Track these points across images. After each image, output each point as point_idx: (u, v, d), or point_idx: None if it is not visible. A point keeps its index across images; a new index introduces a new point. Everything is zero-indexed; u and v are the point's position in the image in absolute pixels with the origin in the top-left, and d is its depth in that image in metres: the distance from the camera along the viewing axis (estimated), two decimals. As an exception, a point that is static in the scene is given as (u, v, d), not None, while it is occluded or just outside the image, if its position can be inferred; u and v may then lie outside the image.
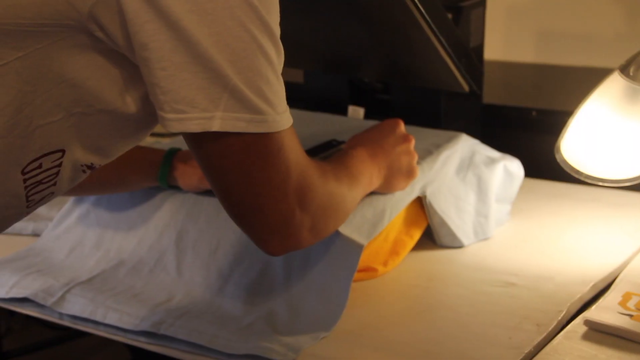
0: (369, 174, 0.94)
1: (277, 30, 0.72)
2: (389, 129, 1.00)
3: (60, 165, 0.75)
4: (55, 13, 0.68)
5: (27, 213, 0.79)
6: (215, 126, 0.69)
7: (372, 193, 0.98)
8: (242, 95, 0.69)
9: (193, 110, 0.69)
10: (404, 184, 1.01)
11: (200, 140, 0.72)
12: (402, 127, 1.01)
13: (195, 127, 0.69)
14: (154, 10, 0.67)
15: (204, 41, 0.67)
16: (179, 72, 0.68)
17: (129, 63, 0.71)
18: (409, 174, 1.01)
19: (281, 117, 0.72)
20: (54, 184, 0.77)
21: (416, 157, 1.01)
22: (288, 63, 1.48)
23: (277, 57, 0.72)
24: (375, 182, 0.96)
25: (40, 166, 0.74)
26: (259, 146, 0.72)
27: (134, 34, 0.68)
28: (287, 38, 1.28)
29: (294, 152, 0.76)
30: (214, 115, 0.69)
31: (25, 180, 0.74)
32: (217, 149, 0.71)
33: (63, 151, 0.74)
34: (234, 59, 0.69)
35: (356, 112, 1.31)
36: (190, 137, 0.72)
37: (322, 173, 0.81)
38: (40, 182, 0.75)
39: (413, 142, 1.01)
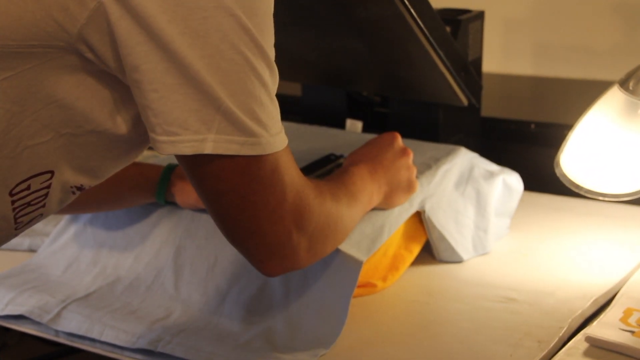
0: (369, 192, 0.93)
1: (272, 53, 0.71)
2: (387, 143, 1.00)
3: (49, 186, 0.74)
4: (44, 35, 0.67)
5: (16, 235, 0.78)
6: (208, 148, 0.69)
7: (372, 209, 0.97)
8: (235, 117, 0.69)
9: (185, 133, 0.68)
10: (404, 199, 1.00)
11: (193, 163, 0.71)
12: (399, 140, 1.00)
13: (187, 149, 0.69)
14: (146, 32, 0.66)
15: (196, 63, 0.67)
16: (171, 94, 0.67)
17: (119, 84, 0.71)
18: (409, 188, 1.00)
19: (275, 139, 0.72)
20: (43, 206, 0.76)
21: (415, 171, 1.01)
22: (286, 76, 1.48)
23: (271, 78, 0.72)
24: (376, 200, 0.95)
25: (28, 187, 0.73)
26: (253, 168, 0.71)
27: (125, 56, 0.67)
28: (286, 51, 1.29)
29: (289, 173, 0.75)
30: (207, 137, 0.68)
31: (13, 202, 0.73)
32: (210, 171, 0.71)
33: (52, 172, 0.74)
34: (226, 82, 0.68)
35: (354, 125, 1.31)
36: (183, 159, 0.71)
37: (318, 193, 0.80)
38: (28, 204, 0.74)
39: (411, 156, 1.00)
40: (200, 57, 0.67)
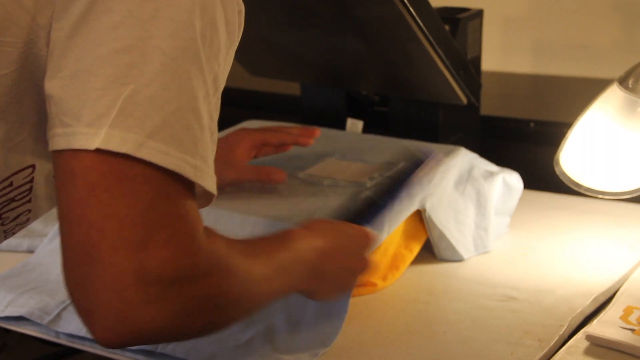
0: (302, 272, 0.77)
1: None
2: (353, 244, 0.86)
3: (32, 180, 0.72)
4: (17, 29, 0.64)
5: (5, 232, 0.76)
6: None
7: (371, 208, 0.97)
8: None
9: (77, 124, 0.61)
10: (327, 295, 0.85)
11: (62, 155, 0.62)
12: (370, 245, 0.87)
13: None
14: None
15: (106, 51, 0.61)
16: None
17: None
18: (341, 289, 0.87)
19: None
20: (29, 201, 0.74)
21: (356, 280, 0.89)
22: (285, 76, 1.49)
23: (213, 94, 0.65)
24: (302, 285, 0.79)
25: (11, 184, 0.71)
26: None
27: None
28: (285, 51, 1.29)
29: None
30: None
31: None
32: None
33: (33, 166, 0.71)
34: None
35: (355, 125, 1.30)
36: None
37: (210, 239, 0.64)
38: (12, 200, 0.72)
39: (367, 269, 0.87)
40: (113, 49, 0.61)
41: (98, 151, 0.59)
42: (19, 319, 0.97)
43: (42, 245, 1.09)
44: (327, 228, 0.83)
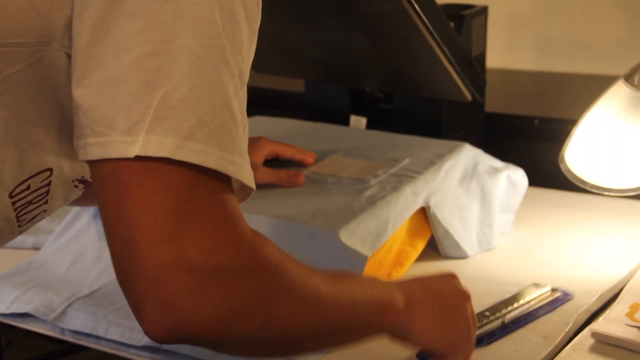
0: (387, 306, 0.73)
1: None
2: (446, 278, 0.82)
3: (49, 184, 0.72)
4: (29, 30, 0.64)
5: (20, 232, 0.77)
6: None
7: (375, 203, 0.97)
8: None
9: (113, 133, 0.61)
10: (458, 351, 0.80)
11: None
12: (458, 280, 0.83)
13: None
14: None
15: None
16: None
17: None
18: (468, 343, 0.80)
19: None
20: (45, 202, 0.74)
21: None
22: (289, 73, 1.49)
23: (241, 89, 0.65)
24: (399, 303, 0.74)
25: (28, 187, 0.71)
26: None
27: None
28: (288, 48, 1.29)
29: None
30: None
31: (14, 203, 0.71)
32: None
33: (51, 170, 0.72)
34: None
35: (358, 122, 1.30)
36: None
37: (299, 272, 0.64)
38: (30, 203, 0.73)
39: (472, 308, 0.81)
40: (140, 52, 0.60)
41: (137, 157, 0.60)
42: (24, 315, 0.98)
43: (48, 243, 1.09)
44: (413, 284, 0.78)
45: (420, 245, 1.07)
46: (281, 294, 0.63)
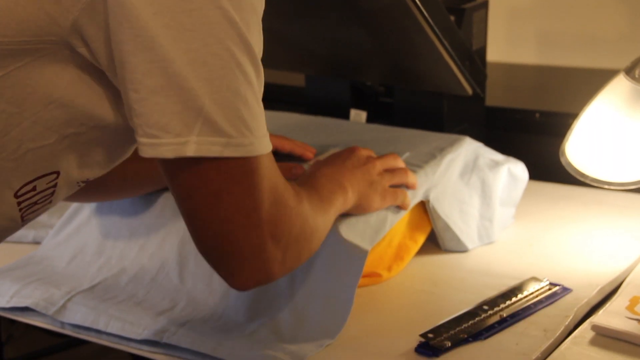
0: (340, 195, 0.89)
1: (258, 51, 0.70)
2: (346, 153, 0.96)
3: (55, 185, 0.74)
4: (36, 29, 0.66)
5: (21, 227, 0.78)
6: (190, 151, 0.67)
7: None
8: (218, 117, 0.67)
9: (166, 136, 0.66)
10: (380, 203, 0.96)
11: (173, 165, 0.69)
12: (361, 150, 0.97)
13: (168, 152, 0.67)
14: (131, 27, 0.65)
15: (180, 58, 0.65)
16: (152, 96, 0.66)
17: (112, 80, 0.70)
18: (384, 193, 0.96)
19: (260, 142, 0.70)
20: (50, 202, 0.75)
21: (395, 179, 0.98)
22: (289, 67, 1.49)
23: (257, 78, 0.70)
24: (349, 203, 0.91)
25: (34, 189, 0.73)
26: (231, 168, 0.69)
27: (114, 52, 0.66)
28: (289, 42, 1.29)
29: (270, 179, 0.72)
30: (188, 140, 0.67)
31: (19, 203, 0.72)
32: (188, 171, 0.69)
33: (58, 173, 0.73)
34: (211, 77, 0.66)
35: (359, 115, 1.30)
36: (163, 161, 0.69)
37: (298, 201, 0.77)
38: (35, 203, 0.74)
39: (380, 165, 0.97)
40: (184, 52, 0.65)
41: (191, 159, 0.67)
42: (25, 309, 0.98)
43: (48, 238, 1.09)
44: (319, 163, 0.95)
45: (421, 238, 1.07)
46: (312, 234, 0.81)
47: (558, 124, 1.15)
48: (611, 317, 0.87)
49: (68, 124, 0.70)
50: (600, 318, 0.87)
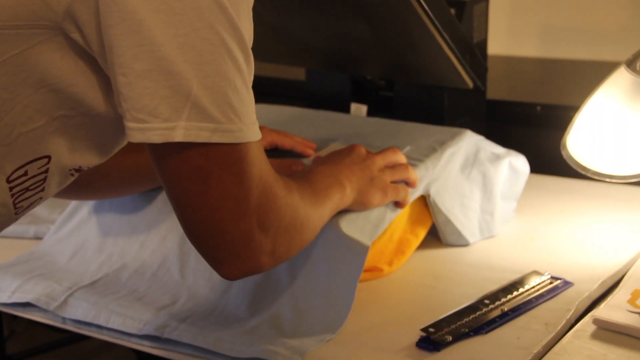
0: (337, 191, 0.90)
1: (248, 38, 0.69)
2: (347, 151, 0.96)
3: (47, 171, 0.74)
4: (30, 14, 0.66)
5: (16, 219, 0.77)
6: (178, 136, 0.67)
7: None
8: (207, 103, 0.67)
9: (154, 120, 0.66)
10: (380, 199, 0.96)
11: (161, 150, 0.69)
12: (361, 148, 0.97)
13: (156, 137, 0.67)
14: (118, 11, 0.65)
15: (169, 43, 0.65)
16: (140, 80, 0.66)
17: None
18: (384, 189, 0.96)
19: (248, 129, 0.69)
20: (42, 190, 0.75)
21: (396, 175, 0.98)
22: (290, 61, 1.49)
23: (247, 66, 0.69)
24: (347, 199, 0.92)
25: (26, 173, 0.72)
26: (220, 154, 0.69)
27: (103, 36, 0.66)
28: (290, 36, 1.28)
29: (259, 167, 0.72)
30: (177, 125, 0.66)
31: (11, 189, 0.72)
32: (177, 158, 0.68)
33: (49, 157, 0.73)
34: (200, 62, 0.66)
35: (359, 109, 1.30)
36: (151, 146, 0.69)
37: (287, 192, 0.77)
38: (27, 189, 0.74)
39: (380, 161, 0.97)
40: (173, 36, 0.65)
41: (179, 144, 0.67)
42: (26, 305, 0.98)
43: (49, 234, 1.09)
44: (320, 160, 0.96)
45: (422, 233, 1.07)
46: (303, 226, 0.81)
47: (559, 117, 1.15)
48: (613, 310, 0.87)
49: (58, 107, 0.70)
50: (602, 312, 0.87)
